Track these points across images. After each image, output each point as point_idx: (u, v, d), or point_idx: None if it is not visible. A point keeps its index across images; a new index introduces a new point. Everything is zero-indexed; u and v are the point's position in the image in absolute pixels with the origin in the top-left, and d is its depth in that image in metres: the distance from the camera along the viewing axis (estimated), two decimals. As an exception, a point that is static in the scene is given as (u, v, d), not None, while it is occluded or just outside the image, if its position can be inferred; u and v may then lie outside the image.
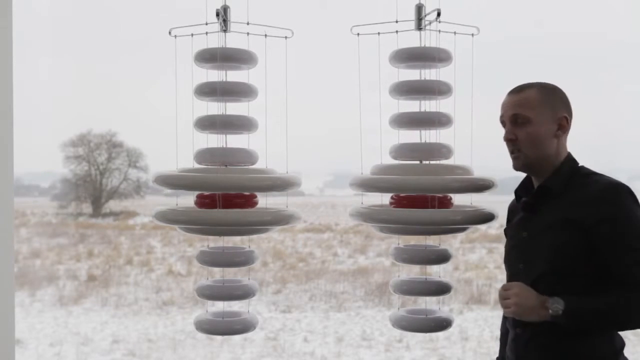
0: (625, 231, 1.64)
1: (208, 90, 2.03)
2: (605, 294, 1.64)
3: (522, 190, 1.87)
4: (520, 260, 1.77)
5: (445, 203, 2.01)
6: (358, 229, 19.11)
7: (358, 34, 2.05)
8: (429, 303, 2.16)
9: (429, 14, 2.03)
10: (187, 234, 2.08)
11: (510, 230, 1.89)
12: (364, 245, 16.87)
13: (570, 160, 1.79)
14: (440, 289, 2.07)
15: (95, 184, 26.74)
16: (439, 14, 2.00)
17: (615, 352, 1.71)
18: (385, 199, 2.08)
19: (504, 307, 1.72)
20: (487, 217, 1.97)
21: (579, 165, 1.80)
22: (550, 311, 1.63)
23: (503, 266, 1.88)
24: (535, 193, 1.79)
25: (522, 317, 1.70)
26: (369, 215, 2.01)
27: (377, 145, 2.08)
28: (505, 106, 1.80)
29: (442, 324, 2.08)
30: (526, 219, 1.81)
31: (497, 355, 2.01)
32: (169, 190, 2.04)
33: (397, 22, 2.03)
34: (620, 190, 1.68)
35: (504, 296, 1.71)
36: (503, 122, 1.81)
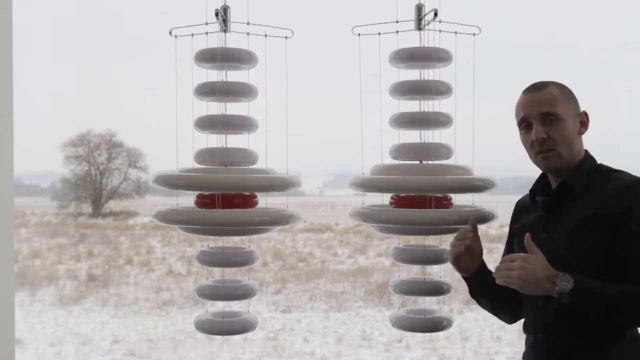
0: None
1: (208, 90, 2.03)
2: (617, 283, 1.59)
3: (538, 189, 1.80)
4: None
5: (445, 203, 2.01)
6: (358, 229, 19.10)
7: (359, 34, 2.05)
8: (429, 303, 2.16)
9: (427, 13, 2.03)
10: (187, 234, 2.08)
11: (524, 232, 1.74)
12: (364, 245, 16.86)
13: (589, 157, 1.75)
14: (440, 289, 2.07)
15: (95, 184, 26.74)
16: (435, 14, 2.00)
17: None
18: (385, 199, 2.08)
19: (507, 277, 1.62)
20: (486, 217, 1.97)
21: (598, 163, 1.76)
22: (557, 287, 1.56)
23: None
24: (556, 192, 1.74)
25: (525, 290, 1.62)
26: (369, 215, 2.01)
27: (377, 145, 2.07)
28: (528, 105, 1.72)
29: (442, 324, 2.07)
30: (545, 219, 1.74)
31: (497, 354, 2.00)
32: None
33: (397, 22, 2.03)
34: None
35: (508, 267, 1.62)
36: (525, 122, 1.73)
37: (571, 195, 1.71)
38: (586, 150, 1.77)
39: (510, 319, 1.91)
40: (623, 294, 1.57)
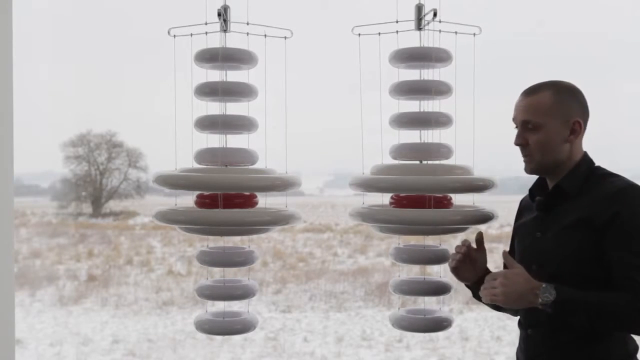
0: (632, 232, 1.61)
1: (208, 91, 2.03)
2: (600, 291, 1.62)
3: (536, 189, 1.84)
4: (533, 261, 1.74)
5: (445, 203, 2.01)
6: (358, 229, 19.09)
7: (359, 34, 2.05)
8: (429, 303, 2.16)
9: (427, 13, 2.03)
10: (187, 234, 2.08)
11: (522, 229, 1.86)
12: (364, 245, 16.86)
13: (586, 161, 1.77)
14: (440, 289, 2.07)
15: (95, 184, 26.75)
16: (435, 14, 2.00)
17: (628, 355, 1.69)
18: (385, 199, 2.08)
19: (492, 295, 1.67)
20: (486, 217, 1.97)
21: (595, 166, 1.77)
22: (539, 299, 1.61)
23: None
24: (550, 193, 1.77)
25: (511, 305, 1.68)
26: (369, 215, 2.01)
27: (377, 145, 2.08)
28: (517, 108, 1.76)
29: (442, 324, 2.07)
30: (540, 218, 1.78)
31: (497, 354, 2.01)
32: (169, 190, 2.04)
33: (397, 22, 2.03)
34: (636, 191, 1.66)
35: (492, 285, 1.68)
36: (515, 124, 1.78)
37: (565, 197, 1.74)
38: (585, 153, 1.79)
39: (514, 313, 1.95)
40: (603, 303, 1.59)
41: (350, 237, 18.71)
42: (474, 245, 1.93)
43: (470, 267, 1.90)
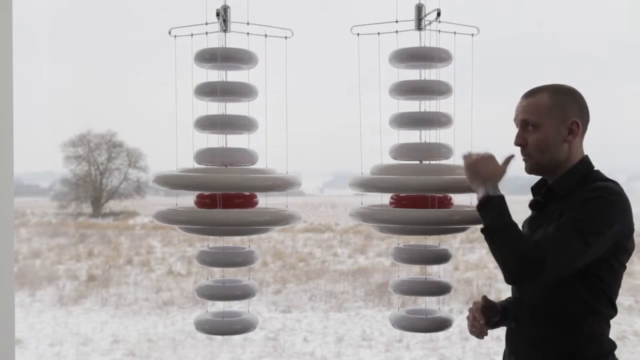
0: (579, 209, 1.63)
1: (208, 90, 2.03)
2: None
3: (537, 189, 1.87)
4: None
5: (445, 203, 2.01)
6: (358, 229, 19.10)
7: (358, 34, 2.05)
8: (429, 303, 2.16)
9: (428, 14, 2.03)
10: (187, 234, 2.08)
11: (523, 227, 1.88)
12: (364, 245, 16.86)
13: (585, 163, 1.78)
14: (440, 289, 2.08)
15: (95, 184, 26.75)
16: (438, 14, 2.00)
17: (605, 353, 1.72)
18: (385, 199, 2.08)
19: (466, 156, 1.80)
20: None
21: (595, 170, 1.78)
22: (483, 187, 1.73)
23: None
24: (544, 193, 1.81)
25: (467, 176, 1.79)
26: (369, 215, 2.01)
27: (377, 145, 2.08)
28: (517, 110, 1.80)
29: (442, 324, 2.08)
30: (532, 218, 1.83)
31: (497, 354, 2.03)
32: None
33: (397, 22, 2.03)
34: (610, 189, 1.67)
35: (471, 156, 1.80)
36: (516, 125, 1.82)
37: (555, 198, 1.77)
38: (585, 156, 1.80)
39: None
40: (513, 229, 1.65)
41: (350, 237, 18.71)
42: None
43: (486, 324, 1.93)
